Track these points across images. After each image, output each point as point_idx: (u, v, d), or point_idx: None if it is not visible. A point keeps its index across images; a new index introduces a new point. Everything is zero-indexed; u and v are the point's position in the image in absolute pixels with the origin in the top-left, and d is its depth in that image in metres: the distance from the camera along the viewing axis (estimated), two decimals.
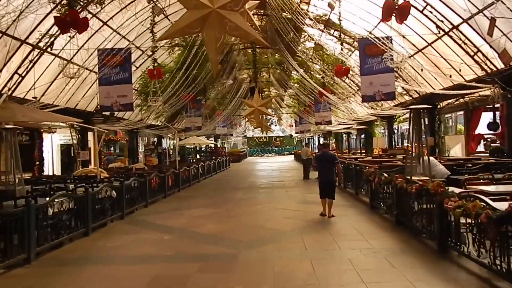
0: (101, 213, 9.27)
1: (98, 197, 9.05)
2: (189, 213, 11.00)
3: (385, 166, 11.12)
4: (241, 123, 52.40)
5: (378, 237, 7.35)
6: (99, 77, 11.08)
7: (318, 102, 21.02)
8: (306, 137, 46.15)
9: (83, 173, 13.63)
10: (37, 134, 19.27)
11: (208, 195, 15.42)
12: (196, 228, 8.84)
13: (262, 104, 15.91)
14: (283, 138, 64.46)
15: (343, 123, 25.66)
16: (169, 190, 15.18)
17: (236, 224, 9.32)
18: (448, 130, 19.82)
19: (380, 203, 9.88)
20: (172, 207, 12.40)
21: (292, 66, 18.20)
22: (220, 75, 22.89)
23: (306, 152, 20.19)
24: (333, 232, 7.87)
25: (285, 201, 12.82)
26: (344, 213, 10.08)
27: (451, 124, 21.48)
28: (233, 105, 30.04)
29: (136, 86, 18.16)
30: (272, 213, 10.62)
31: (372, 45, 10.49)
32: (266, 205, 11.95)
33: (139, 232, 8.73)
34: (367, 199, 11.15)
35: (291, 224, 9.06)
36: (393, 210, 8.55)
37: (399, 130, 29.76)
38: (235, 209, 11.50)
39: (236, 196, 14.55)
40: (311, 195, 13.57)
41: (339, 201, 11.94)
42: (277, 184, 18.39)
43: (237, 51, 22.51)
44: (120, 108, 11.14)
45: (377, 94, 10.63)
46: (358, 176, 12.67)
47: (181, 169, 17.22)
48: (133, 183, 11.54)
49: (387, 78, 10.56)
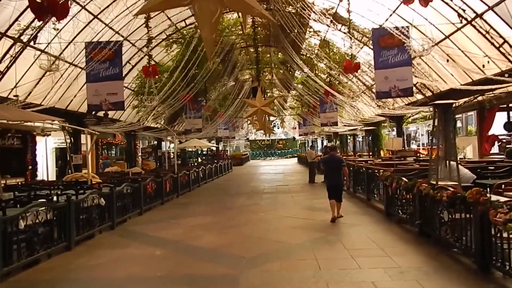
0: (87, 223, 8.30)
1: (83, 205, 8.09)
2: (187, 222, 10.02)
3: (401, 170, 10.11)
4: (243, 126, 51.45)
5: (402, 252, 6.34)
6: (87, 72, 10.14)
7: (323, 102, 20.03)
8: (310, 139, 45.11)
9: (74, 178, 12.68)
10: (30, 138, 18.38)
11: (208, 201, 14.45)
12: (192, 241, 7.85)
13: (265, 104, 14.96)
14: (286, 141, 63.54)
15: (349, 124, 24.66)
16: (167, 196, 14.22)
17: (238, 235, 8.33)
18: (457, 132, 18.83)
19: (397, 211, 8.87)
20: (169, 215, 11.43)
21: (297, 64, 17.24)
22: (221, 76, 21.99)
23: (311, 155, 19.19)
24: (348, 246, 6.86)
25: (291, 207, 11.82)
26: (357, 221, 9.09)
27: (460, 125, 20.49)
28: (235, 106, 29.08)
29: (133, 86, 17.25)
30: (278, 222, 9.63)
31: (387, 35, 9.52)
32: (271, 213, 10.95)
33: (129, 245, 7.75)
34: (382, 206, 10.14)
35: (299, 235, 8.05)
36: (415, 220, 7.55)
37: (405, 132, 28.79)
38: (236, 217, 10.51)
39: (238, 202, 13.56)
40: (318, 200, 12.60)
41: (350, 208, 10.97)
42: (281, 188, 17.39)
43: (238, 50, 21.58)
44: (110, 107, 10.18)
45: (393, 90, 9.64)
46: (370, 180, 11.68)
47: (180, 173, 16.27)
48: (126, 189, 10.57)
49: (404, 72, 9.56)
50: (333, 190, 9.24)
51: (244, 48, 21.68)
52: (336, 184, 9.30)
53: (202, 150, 35.64)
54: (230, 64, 20.98)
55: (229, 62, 20.46)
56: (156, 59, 17.81)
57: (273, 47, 20.99)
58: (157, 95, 12.60)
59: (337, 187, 9.26)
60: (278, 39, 18.77)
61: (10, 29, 9.38)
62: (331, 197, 9.25)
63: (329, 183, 9.52)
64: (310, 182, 19.00)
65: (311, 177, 19.10)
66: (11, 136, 16.31)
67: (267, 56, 24.64)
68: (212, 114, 28.25)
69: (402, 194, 8.53)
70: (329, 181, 9.57)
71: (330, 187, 9.38)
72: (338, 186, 9.29)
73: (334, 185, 9.31)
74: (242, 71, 27.41)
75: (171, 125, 23.14)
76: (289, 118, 48.26)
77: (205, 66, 16.91)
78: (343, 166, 9.37)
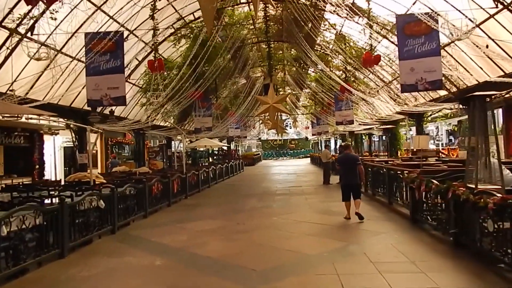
0: (85, 228, 7.62)
1: (79, 208, 7.40)
2: (193, 227, 9.27)
3: (428, 171, 9.17)
4: (255, 125, 50.67)
5: (438, 267, 5.47)
6: (86, 65, 9.47)
7: (339, 100, 19.11)
8: (324, 139, 44.08)
9: (76, 178, 12.07)
10: (37, 136, 17.93)
11: (217, 203, 13.70)
12: (198, 249, 7.09)
13: (278, 100, 14.15)
14: (298, 141, 62.60)
15: (364, 123, 23.67)
16: (174, 197, 13.53)
17: (248, 243, 7.54)
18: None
19: (426, 217, 7.99)
20: (175, 218, 10.71)
21: (311, 59, 16.39)
22: (232, 73, 21.25)
23: (326, 155, 18.29)
24: (373, 258, 6.01)
25: (306, 211, 10.99)
26: (380, 228, 8.22)
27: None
28: (246, 105, 28.32)
29: (140, 83, 16.62)
30: (292, 227, 8.81)
31: (413, 22, 8.61)
32: (284, 217, 10.14)
33: (128, 253, 7.03)
34: (406, 211, 9.25)
35: (316, 244, 7.23)
36: (448, 228, 6.66)
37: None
38: (247, 221, 9.72)
39: (249, 204, 12.78)
40: (335, 203, 11.73)
41: (371, 212, 10.10)
42: (294, 190, 16.55)
43: (249, 46, 20.80)
44: (111, 102, 9.48)
45: (420, 83, 8.72)
46: (392, 182, 10.76)
47: (188, 174, 15.57)
48: (129, 191, 9.89)
49: (432, 62, 8.62)
50: (349, 190, 9.12)
51: (255, 44, 20.87)
52: (352, 183, 9.16)
53: (213, 150, 34.98)
54: (241, 61, 20.22)
55: (240, 58, 19.70)
56: (164, 55, 17.17)
57: (286, 42, 20.15)
58: (163, 91, 11.86)
59: (353, 186, 9.14)
60: (291, 34, 17.93)
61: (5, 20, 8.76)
62: (345, 199, 9.16)
63: (345, 183, 9.37)
64: (324, 183, 18.13)
65: (325, 178, 18.22)
66: (18, 134, 15.88)
67: (279, 52, 23.80)
68: (223, 113, 27.56)
69: (432, 199, 7.65)
70: (345, 181, 9.41)
71: (345, 187, 9.25)
72: (355, 185, 9.17)
73: (350, 184, 9.17)
74: (253, 69, 26.63)
75: (181, 123, 22.51)
76: (302, 117, 47.32)
77: (215, 62, 16.17)
78: (358, 165, 9.22)
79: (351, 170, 9.22)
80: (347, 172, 9.33)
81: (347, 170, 9.33)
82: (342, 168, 9.64)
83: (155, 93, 11.78)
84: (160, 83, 12.64)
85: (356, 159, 9.49)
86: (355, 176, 9.20)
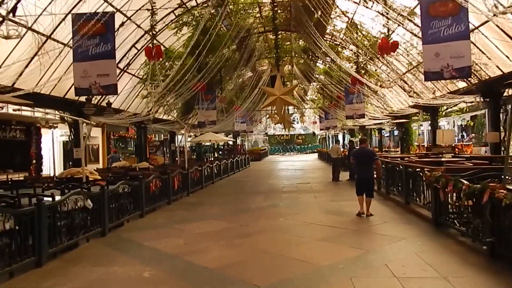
0: (69, 231, 6.82)
1: (61, 209, 6.59)
2: (192, 228, 8.45)
3: (452, 169, 8.23)
4: (261, 120, 49.75)
5: (476, 286, 4.57)
6: (74, 50, 8.61)
7: (349, 92, 18.11)
8: (332, 134, 43.06)
9: (69, 175, 11.32)
10: (35, 130, 17.24)
11: (220, 201, 12.87)
12: (194, 256, 6.25)
13: (285, 92, 13.22)
14: (305, 136, 61.60)
15: (375, 118, 22.66)
16: (175, 195, 12.73)
17: (251, 249, 6.68)
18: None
19: (452, 221, 7.08)
20: (174, 218, 9.90)
21: (321, 49, 15.41)
22: (237, 64, 20.33)
23: (337, 150, 17.35)
24: (397, 271, 5.12)
25: (315, 211, 10.12)
26: (399, 232, 7.32)
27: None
28: (252, 98, 27.41)
29: (140, 74, 15.78)
30: (301, 230, 7.94)
31: (439, 2, 7.66)
32: (291, 218, 9.27)
33: (115, 260, 6.21)
34: (427, 213, 8.34)
35: (329, 252, 6.36)
36: (483, 236, 5.75)
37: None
38: (251, 223, 8.87)
39: (254, 202, 11.93)
40: (346, 202, 10.89)
41: (387, 213, 9.22)
42: (302, 187, 15.67)
43: (256, 35, 19.85)
44: (101, 90, 8.61)
45: (446, 70, 7.75)
46: (409, 180, 9.82)
47: (191, 169, 14.74)
48: (122, 189, 9.08)
49: (460, 47, 7.63)
50: (363, 185, 8.93)
51: (262, 33, 19.89)
52: (367, 178, 8.96)
53: (218, 145, 34.17)
54: (246, 51, 19.29)
55: (245, 48, 18.77)
56: (166, 45, 16.30)
57: (294, 32, 19.17)
58: (161, 81, 11.00)
59: (368, 181, 8.94)
60: (300, 23, 16.96)
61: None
62: (359, 192, 8.97)
63: (360, 177, 9.16)
64: (333, 180, 17.25)
65: (335, 175, 17.32)
66: (13, 128, 15.18)
67: (286, 44, 22.81)
68: (228, 107, 26.71)
69: (460, 201, 6.73)
70: (360, 175, 9.18)
71: (360, 181, 9.07)
72: (369, 181, 8.97)
73: (364, 179, 8.97)
74: (260, 61, 25.68)
75: (185, 117, 21.69)
76: (309, 112, 46.28)
77: (219, 51, 15.27)
78: (375, 160, 9.02)
79: (366, 165, 8.99)
80: (362, 166, 9.08)
81: (362, 165, 9.08)
82: (357, 162, 9.31)
83: (154, 82, 10.91)
84: (159, 72, 11.79)
85: (373, 154, 9.23)
86: (369, 171, 8.99)
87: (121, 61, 14.35)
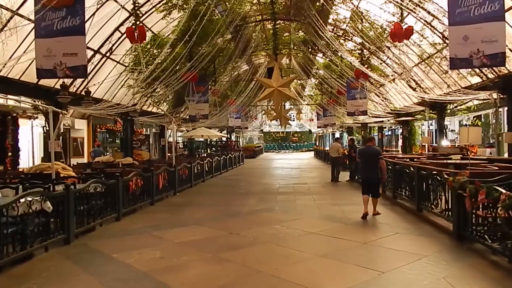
0: (19, 241, 5.60)
1: (8, 214, 5.35)
2: (173, 236, 7.25)
3: (477, 173, 7.08)
4: (257, 116, 48.57)
5: None
6: (35, 24, 7.28)
7: (352, 87, 16.94)
8: (330, 132, 41.97)
9: (38, 170, 10.02)
10: (11, 120, 15.96)
11: (209, 203, 11.68)
12: (170, 276, 5.06)
13: (284, 84, 12.02)
14: (301, 134, 60.67)
15: (377, 115, 21.55)
16: (159, 194, 11.54)
17: (241, 267, 5.48)
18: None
19: (480, 235, 5.94)
20: (154, 222, 8.69)
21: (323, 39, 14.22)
22: (231, 56, 19.09)
23: (337, 148, 16.16)
24: None
25: (315, 217, 8.96)
26: (417, 248, 6.18)
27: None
28: (248, 92, 26.20)
29: (125, 61, 14.49)
30: (300, 242, 6.76)
31: None
32: (288, 225, 8.08)
33: (69, 281, 4.99)
34: (446, 223, 7.22)
35: (336, 272, 5.19)
36: None
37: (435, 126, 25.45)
38: (242, 230, 7.68)
39: (247, 205, 10.74)
40: (351, 207, 9.79)
41: (397, 222, 8.09)
42: (299, 188, 14.51)
43: (252, 24, 18.60)
44: (68, 72, 7.30)
45: (476, 57, 6.56)
46: (422, 185, 8.67)
47: (178, 166, 13.51)
48: (94, 188, 7.85)
49: (493, 29, 6.42)
50: (369, 184, 8.71)
51: (259, 22, 18.63)
52: (373, 178, 8.69)
53: (212, 140, 32.92)
54: (242, 41, 18.04)
55: (241, 38, 17.52)
56: (154, 30, 15.03)
57: (294, 21, 17.94)
58: (146, 67, 9.76)
59: (372, 181, 8.71)
60: (300, 11, 15.75)
61: None
62: (365, 192, 8.70)
63: (365, 177, 8.97)
64: (332, 180, 16.11)
65: (334, 175, 16.17)
66: None
67: (285, 35, 21.57)
68: (222, 101, 25.50)
69: (492, 212, 5.60)
70: (365, 175, 8.98)
71: (365, 181, 8.90)
72: (375, 180, 8.72)
73: (370, 179, 8.72)
74: (256, 53, 24.44)
75: (175, 110, 20.42)
76: (306, 109, 45.13)
77: (211, 38, 14.02)
78: (380, 159, 8.66)
79: (371, 164, 8.69)
80: (367, 166, 8.83)
81: (367, 164, 8.84)
82: (362, 161, 9.10)
83: (137, 68, 9.66)
84: (142, 56, 10.54)
85: (378, 153, 8.89)
86: (375, 171, 8.66)
87: (103, 45, 13.07)
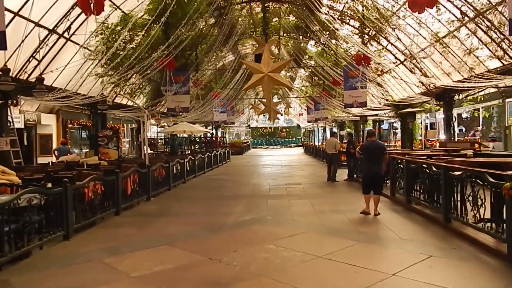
0: None
1: None
2: (131, 266, 5.34)
3: None
4: (243, 111, 46.63)
5: None
6: None
7: (350, 76, 15.15)
8: (320, 126, 40.30)
9: None
10: None
11: (188, 211, 9.75)
12: None
13: (275, 69, 10.17)
14: (290, 129, 59.05)
15: (376, 108, 19.88)
16: (128, 201, 9.62)
17: None
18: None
19: None
20: (113, 240, 6.78)
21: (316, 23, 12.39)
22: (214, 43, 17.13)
23: (335, 144, 14.37)
24: None
25: (317, 230, 7.17)
26: (463, 282, 4.42)
27: None
28: (234, 85, 24.27)
29: (90, 44, 12.39)
30: (302, 274, 4.92)
31: None
32: (286, 244, 6.24)
33: None
34: (492, 241, 5.51)
35: None
36: None
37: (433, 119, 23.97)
38: (225, 254, 5.80)
39: (232, 214, 8.86)
40: (358, 216, 8.25)
41: (425, 239, 6.37)
42: (293, 189, 12.70)
43: (239, 7, 16.66)
44: None
45: None
46: (452, 190, 6.92)
47: (153, 167, 11.55)
48: (29, 201, 5.87)
49: None
50: (372, 181, 8.36)
51: (246, 3, 16.67)
52: (377, 174, 8.39)
53: (196, 137, 30.89)
54: (226, 26, 16.09)
55: (225, 22, 15.58)
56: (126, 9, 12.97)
57: (286, 2, 16.05)
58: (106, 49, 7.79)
59: (377, 177, 8.43)
60: None
61: None
62: (366, 191, 8.40)
63: (368, 173, 8.55)
64: (329, 179, 14.38)
65: (331, 174, 14.43)
66: None
67: (274, 20, 19.66)
68: (206, 94, 23.53)
69: None
70: (368, 171, 8.55)
71: (368, 178, 8.51)
72: (379, 177, 8.50)
73: (374, 176, 8.35)
74: (242, 41, 22.50)
75: (153, 103, 18.39)
76: (294, 103, 43.42)
77: (189, 20, 12.07)
78: (385, 154, 8.47)
79: (376, 160, 8.32)
80: (372, 162, 8.38)
81: (372, 160, 8.40)
82: (365, 157, 8.55)
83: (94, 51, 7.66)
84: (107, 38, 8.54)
85: (384, 148, 8.68)
86: (380, 166, 8.35)
87: (60, 24, 11.00)
